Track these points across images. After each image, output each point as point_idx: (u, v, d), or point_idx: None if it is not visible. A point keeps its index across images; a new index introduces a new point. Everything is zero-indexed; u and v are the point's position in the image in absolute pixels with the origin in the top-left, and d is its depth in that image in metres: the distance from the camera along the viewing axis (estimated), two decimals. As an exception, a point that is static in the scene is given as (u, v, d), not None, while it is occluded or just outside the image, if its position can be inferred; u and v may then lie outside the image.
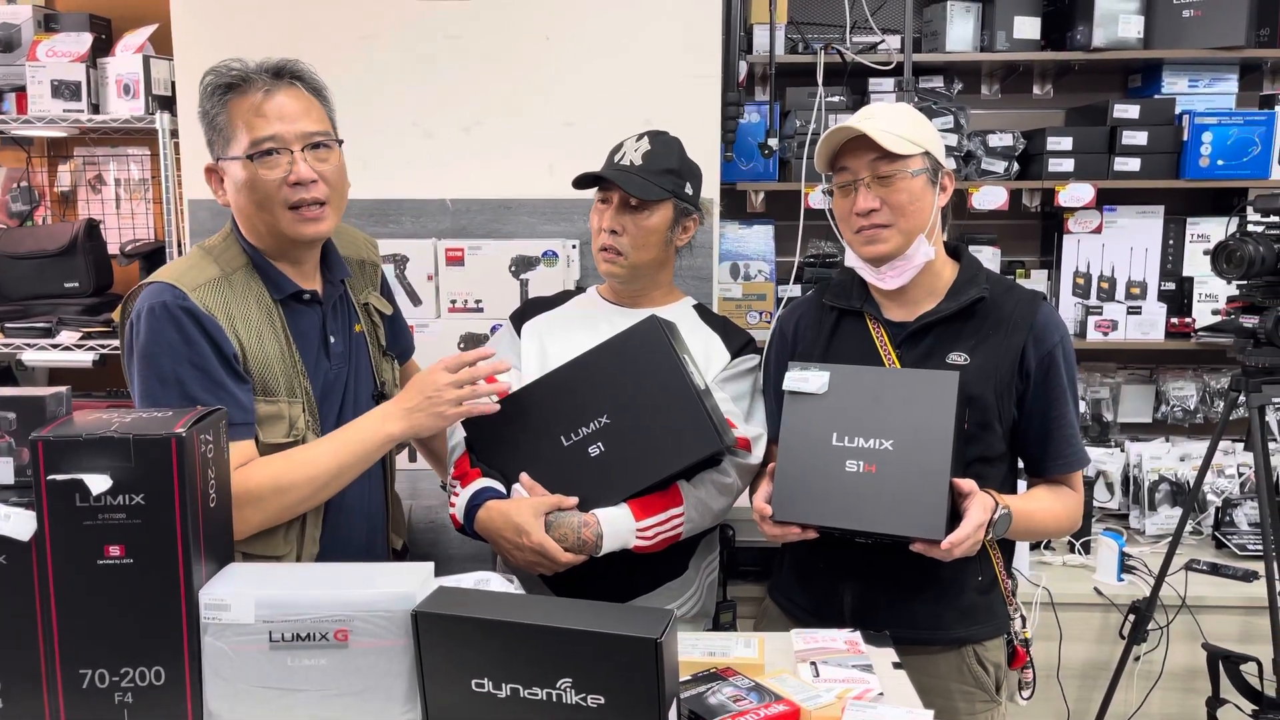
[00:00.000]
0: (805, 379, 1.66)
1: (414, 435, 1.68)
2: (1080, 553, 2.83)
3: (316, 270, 1.74)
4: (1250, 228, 2.39)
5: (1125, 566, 2.72)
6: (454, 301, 2.49)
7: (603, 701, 1.16)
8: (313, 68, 1.67)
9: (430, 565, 1.34)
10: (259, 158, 1.58)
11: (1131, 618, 2.54)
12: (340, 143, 1.67)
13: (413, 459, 2.30)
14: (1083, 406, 3.14)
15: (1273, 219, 2.34)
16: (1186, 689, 2.62)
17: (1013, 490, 1.80)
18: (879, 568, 1.72)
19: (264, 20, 2.45)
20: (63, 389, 1.29)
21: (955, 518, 1.56)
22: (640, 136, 1.88)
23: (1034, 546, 2.82)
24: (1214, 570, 2.74)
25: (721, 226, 2.90)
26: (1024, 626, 1.78)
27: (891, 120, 1.70)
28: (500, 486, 1.80)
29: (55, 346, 2.77)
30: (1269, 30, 2.94)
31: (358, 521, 1.78)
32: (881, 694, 1.39)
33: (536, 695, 1.19)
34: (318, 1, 2.45)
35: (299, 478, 1.58)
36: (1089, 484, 2.94)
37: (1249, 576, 2.67)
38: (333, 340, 1.72)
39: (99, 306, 2.88)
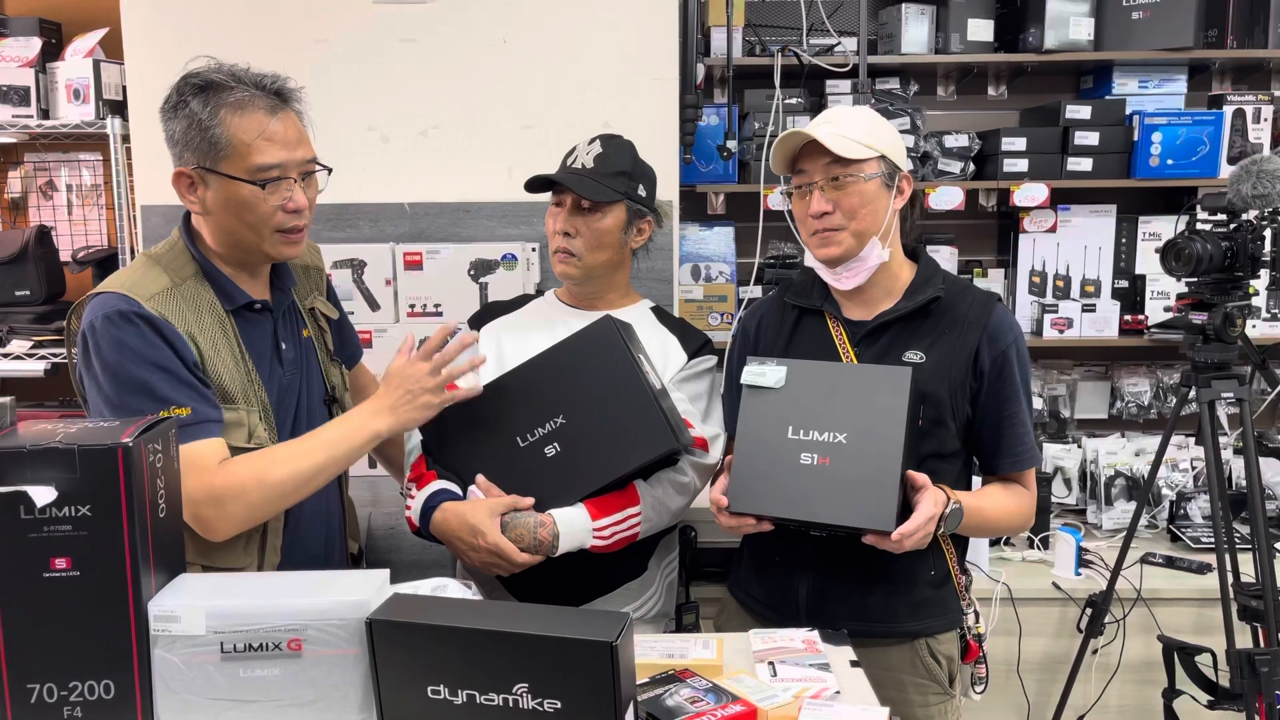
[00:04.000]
0: (763, 373, 1.68)
1: (402, 429, 1.68)
2: (1039, 548, 2.87)
3: (267, 278, 1.72)
4: (1199, 226, 2.43)
5: (1082, 561, 2.76)
6: (413, 306, 2.47)
7: (559, 705, 1.16)
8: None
9: (385, 572, 1.33)
10: (268, 184, 1.57)
11: (1088, 611, 2.57)
12: (329, 170, 1.67)
13: (372, 465, 2.28)
14: (1040, 403, 3.18)
15: (1220, 217, 2.38)
16: (1143, 681, 2.66)
17: (967, 487, 1.82)
18: (833, 560, 1.74)
19: (216, 23, 2.43)
20: (6, 399, 1.27)
21: (907, 511, 1.58)
22: (593, 140, 1.89)
23: (993, 543, 2.85)
24: (1169, 563, 2.78)
25: (682, 228, 2.91)
26: (977, 621, 1.80)
27: (849, 124, 1.71)
28: (457, 488, 1.80)
29: (6, 356, 2.72)
30: (1216, 31, 2.98)
31: (316, 528, 1.77)
32: (838, 692, 1.40)
33: (493, 701, 1.18)
34: (270, 5, 2.43)
35: (284, 473, 1.57)
36: (1047, 480, 2.98)
37: (1203, 569, 2.72)
38: (284, 347, 1.71)
39: (50, 315, 2.83)
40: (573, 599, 1.82)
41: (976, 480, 1.87)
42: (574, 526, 1.73)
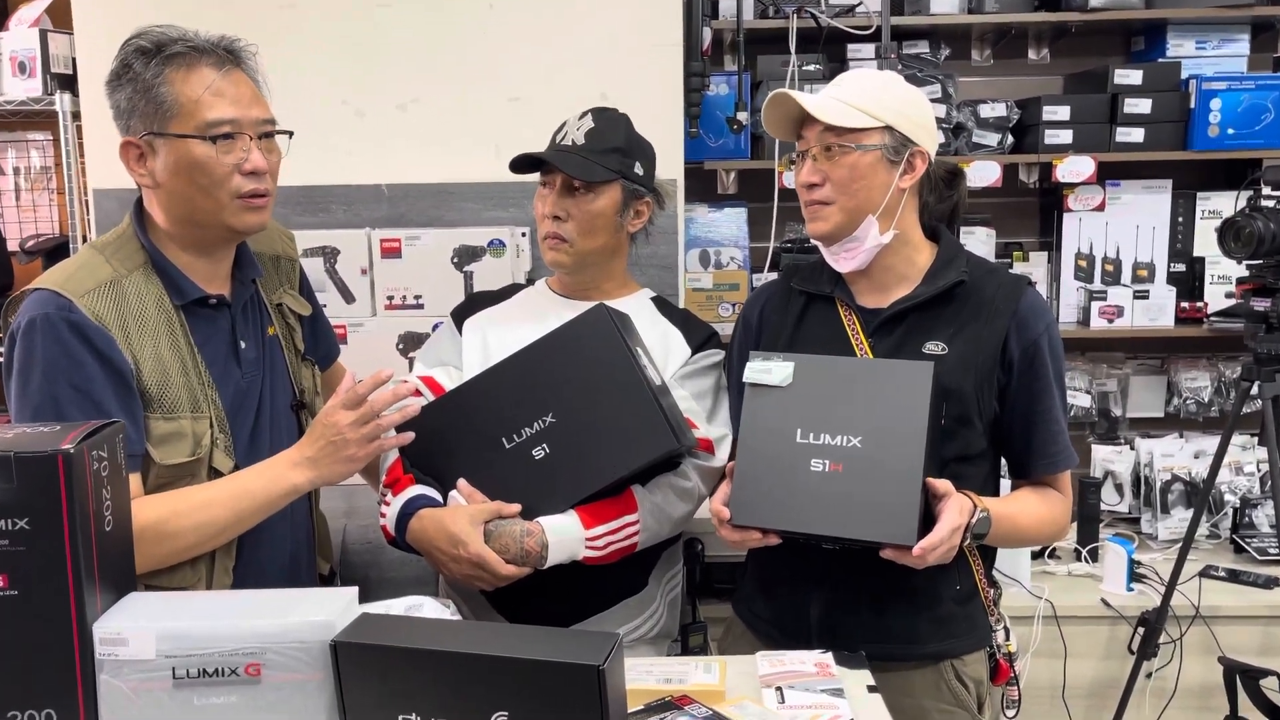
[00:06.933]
0: (768, 370, 1.68)
1: (323, 484, 1.69)
2: (1086, 561, 2.86)
3: (228, 269, 1.74)
4: (1262, 202, 2.42)
5: (1135, 575, 2.75)
6: (391, 298, 2.49)
7: (542, 735, 1.17)
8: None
9: (354, 590, 1.34)
10: (220, 140, 1.59)
11: (1141, 631, 2.57)
12: (290, 134, 1.69)
13: (347, 473, 2.30)
14: (1088, 401, 3.17)
15: (1284, 192, 2.38)
16: (1202, 707, 2.65)
17: (995, 492, 1.82)
18: (848, 576, 1.73)
19: (173, -12, 2.44)
20: (-63, 403, 1.29)
21: (929, 521, 1.58)
22: (584, 114, 1.90)
23: (1035, 555, 2.85)
24: (1231, 577, 2.77)
25: (688, 209, 2.92)
26: (1007, 639, 1.80)
27: (854, 89, 1.71)
28: (436, 494, 1.81)
29: (-52, 355, 2.74)
30: (1282, -14, 2.97)
31: (278, 545, 1.77)
32: (852, 720, 1.41)
33: (469, 730, 1.19)
34: (232, -33, 2.44)
35: (186, 524, 1.58)
36: (1096, 486, 2.97)
37: (1270, 583, 2.71)
38: (243, 345, 1.72)
39: (-3, 310, 2.86)
40: (564, 616, 1.82)
41: (1005, 485, 1.87)
42: (564, 536, 1.74)
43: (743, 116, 2.86)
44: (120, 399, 1.56)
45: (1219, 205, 3.04)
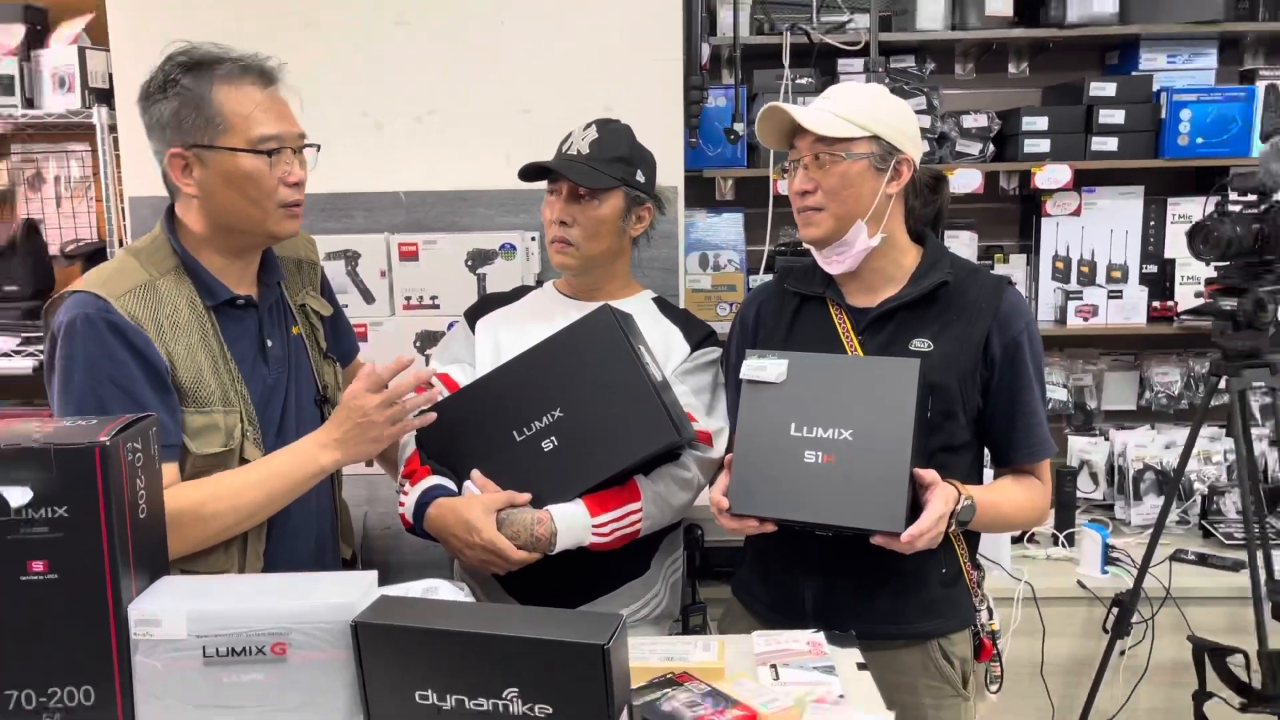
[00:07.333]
0: (763, 367, 1.67)
1: (350, 463, 1.69)
2: (1063, 545, 2.85)
3: (254, 272, 1.73)
4: (1230, 207, 2.41)
5: (1109, 559, 2.74)
6: (408, 298, 2.48)
7: (550, 711, 1.16)
8: None
9: (374, 574, 1.34)
10: (273, 154, 1.61)
11: (1115, 611, 2.56)
12: (318, 148, 1.70)
13: (369, 463, 2.29)
14: (1065, 395, 3.16)
15: (1251, 198, 2.36)
16: (1173, 683, 2.64)
17: (979, 481, 1.81)
18: (840, 561, 1.73)
19: (202, 8, 2.43)
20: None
21: (916, 509, 1.57)
22: (589, 125, 1.90)
23: (1016, 540, 2.84)
24: (1200, 560, 2.76)
25: (688, 215, 2.91)
26: (991, 618, 1.80)
27: (843, 101, 1.71)
28: (451, 484, 1.81)
29: (-7, 353, 2.75)
30: (1248, 2, 2.96)
31: (305, 532, 1.78)
32: (843, 696, 1.40)
33: (482, 706, 1.19)
34: (259, -12, 2.44)
35: (223, 506, 1.58)
36: (1072, 474, 2.96)
37: (1236, 566, 2.69)
38: (270, 344, 1.72)
39: (39, 310, 2.84)
40: (572, 598, 1.82)
41: (988, 474, 1.87)
42: (572, 523, 1.74)
43: (739, 127, 2.85)
44: (158, 393, 1.56)
45: (1188, 210, 3.02)
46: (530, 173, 1.88)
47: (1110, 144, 2.93)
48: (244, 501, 1.60)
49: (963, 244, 3.01)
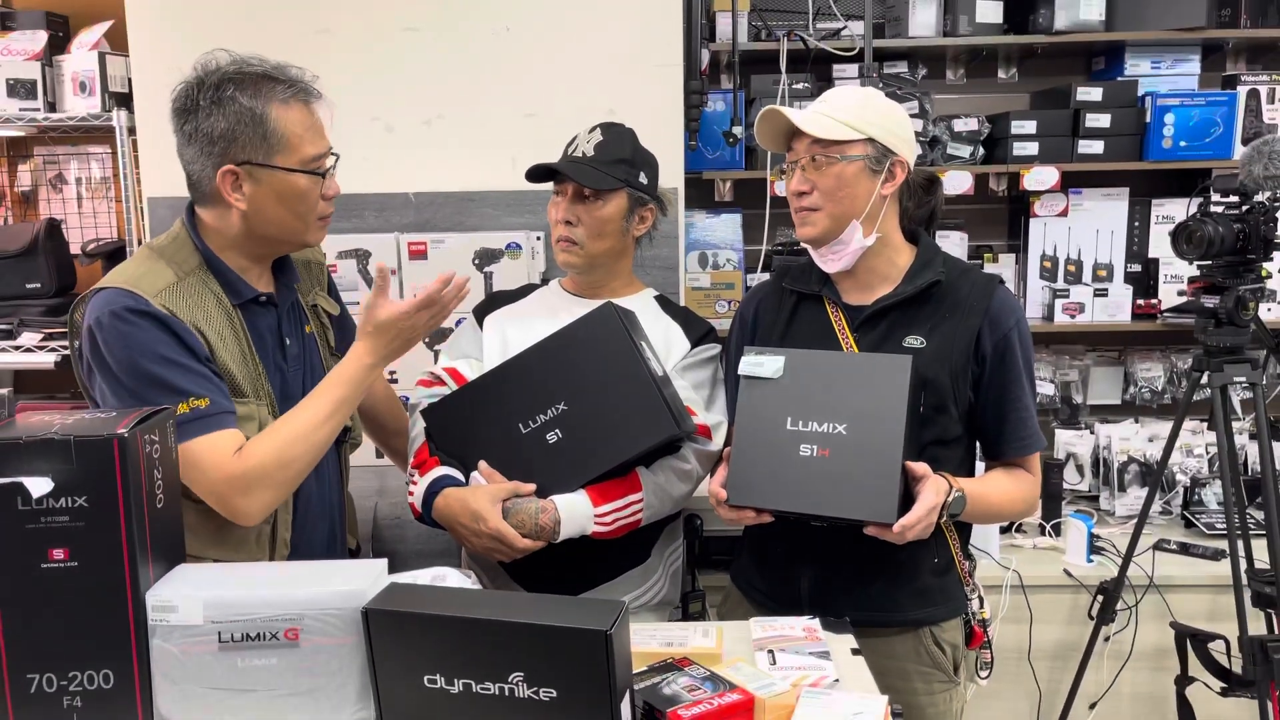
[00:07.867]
0: (760, 363, 1.67)
1: (392, 360, 1.68)
2: (1050, 535, 2.85)
3: (270, 274, 1.73)
4: (1212, 208, 2.40)
5: (1094, 548, 2.74)
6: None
7: (555, 694, 1.16)
8: None
9: (383, 562, 1.33)
10: (326, 174, 1.63)
11: (1100, 598, 2.55)
12: (338, 157, 1.69)
13: (378, 455, 2.29)
14: (1052, 389, 3.15)
15: (1232, 199, 2.35)
16: (1156, 668, 2.64)
17: (970, 473, 1.80)
18: (835, 551, 1.73)
19: (219, 15, 2.43)
20: (3, 391, 1.28)
21: (909, 501, 1.57)
22: (593, 128, 1.89)
23: (1004, 530, 2.84)
24: (1183, 550, 2.76)
25: (688, 215, 2.90)
26: (981, 606, 1.79)
27: (838, 105, 1.70)
28: (459, 475, 1.81)
29: (17, 348, 2.74)
30: (1230, 10, 2.94)
31: (321, 524, 1.78)
32: (837, 680, 1.40)
33: (489, 690, 1.18)
34: (273, -5, 2.43)
35: (300, 450, 1.58)
36: (1059, 466, 2.96)
37: (1217, 555, 2.69)
38: (288, 342, 1.72)
39: (61, 307, 2.84)
40: (575, 585, 1.82)
41: (979, 466, 1.86)
42: (575, 512, 1.73)
43: (738, 131, 2.85)
44: (207, 364, 1.56)
45: (1172, 211, 3.01)
46: (537, 174, 1.88)
47: (1096, 147, 2.92)
48: (311, 429, 1.60)
49: (953, 244, 3.01)
